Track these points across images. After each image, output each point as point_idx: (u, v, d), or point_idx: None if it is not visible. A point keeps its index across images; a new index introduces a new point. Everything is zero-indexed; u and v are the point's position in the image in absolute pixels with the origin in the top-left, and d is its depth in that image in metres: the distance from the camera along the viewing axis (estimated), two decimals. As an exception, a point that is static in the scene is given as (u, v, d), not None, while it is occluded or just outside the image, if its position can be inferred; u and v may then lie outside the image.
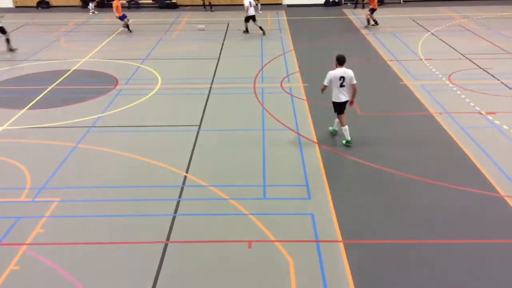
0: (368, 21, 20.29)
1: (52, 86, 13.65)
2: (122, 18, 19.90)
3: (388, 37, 18.70)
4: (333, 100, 9.74)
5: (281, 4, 26.29)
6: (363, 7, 24.43)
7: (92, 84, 13.94)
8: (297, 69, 14.97)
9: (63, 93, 13.23)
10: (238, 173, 8.98)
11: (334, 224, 7.41)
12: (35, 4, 25.45)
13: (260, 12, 23.82)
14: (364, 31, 19.73)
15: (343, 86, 9.50)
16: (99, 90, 13.30)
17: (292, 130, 10.69)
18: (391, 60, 15.66)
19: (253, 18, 18.92)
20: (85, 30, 20.90)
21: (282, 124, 10.97)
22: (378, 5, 25.39)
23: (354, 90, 9.60)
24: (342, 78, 9.41)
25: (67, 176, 8.90)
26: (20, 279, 6.35)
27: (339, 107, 9.76)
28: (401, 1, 26.04)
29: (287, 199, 8.09)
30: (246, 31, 19.47)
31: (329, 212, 7.70)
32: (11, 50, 17.03)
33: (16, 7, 25.93)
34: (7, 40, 17.00)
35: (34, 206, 7.97)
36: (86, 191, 8.40)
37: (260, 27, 19.15)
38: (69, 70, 15.14)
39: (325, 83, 9.58)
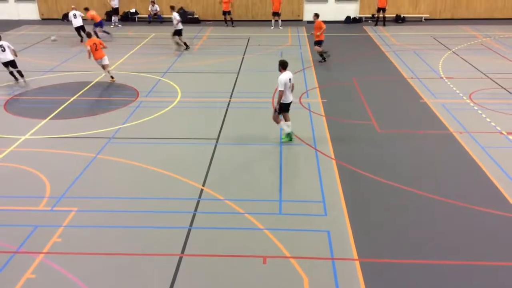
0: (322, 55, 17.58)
1: (74, 97, 13.91)
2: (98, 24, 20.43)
3: (409, 54, 18.62)
4: (284, 102, 10.46)
5: (301, 20, 26.43)
6: (384, 25, 24.42)
7: (114, 96, 14.15)
8: (316, 85, 14.97)
9: (85, 104, 13.46)
10: (254, 188, 8.97)
11: (350, 241, 7.33)
12: (61, 17, 26.05)
13: (281, 28, 23.98)
14: (384, 48, 19.68)
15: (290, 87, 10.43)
16: (120, 102, 13.49)
17: (310, 145, 10.66)
18: (412, 77, 15.56)
19: (180, 32, 19.26)
20: (109, 43, 21.28)
21: (300, 139, 10.96)
22: (399, 22, 25.30)
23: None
24: (290, 79, 10.30)
25: (86, 186, 9.01)
26: None
27: (288, 107, 10.66)
28: (422, 19, 25.95)
29: (303, 215, 8.04)
30: (181, 45, 19.75)
31: (345, 230, 7.62)
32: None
33: (43, 19, 26.58)
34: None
35: (53, 215, 8.08)
36: (104, 202, 8.48)
37: (185, 43, 19.64)
38: (92, 82, 15.41)
39: (282, 88, 10.20)
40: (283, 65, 10.32)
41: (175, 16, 18.99)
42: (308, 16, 26.35)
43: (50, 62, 17.87)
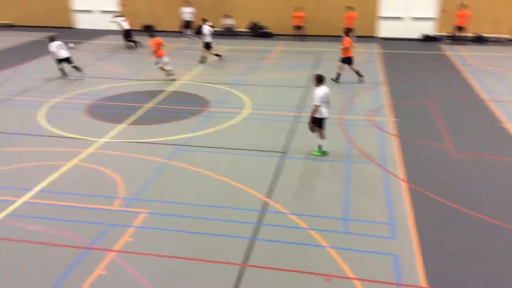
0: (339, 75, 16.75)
1: (149, 105, 14.53)
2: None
3: (487, 76, 17.79)
4: (319, 117, 10.49)
5: (375, 37, 26.05)
6: (463, 44, 23.50)
7: (186, 105, 14.63)
8: (388, 103, 14.67)
9: (159, 111, 14.02)
10: (319, 203, 8.90)
11: (419, 268, 7.06)
12: (141, 28, 27.38)
13: (355, 44, 23.73)
14: (461, 68, 18.93)
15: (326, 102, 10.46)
16: (191, 111, 13.93)
17: (379, 165, 10.44)
18: (490, 100, 14.84)
19: (208, 45, 19.53)
20: (184, 54, 22.08)
21: (369, 158, 10.76)
22: (478, 42, 24.25)
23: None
24: (327, 95, 10.35)
25: (156, 190, 9.36)
26: (106, 284, 6.72)
27: (322, 122, 10.66)
28: (504, 40, 24.71)
29: (369, 236, 7.86)
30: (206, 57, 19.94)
31: (414, 255, 7.36)
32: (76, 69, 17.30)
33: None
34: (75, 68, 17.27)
35: (125, 215, 8.46)
36: (172, 206, 8.76)
37: (216, 54, 19.89)
38: (166, 91, 16.04)
39: (318, 103, 10.30)
40: (319, 80, 10.38)
41: (206, 28, 19.35)
42: (383, 33, 25.96)
43: (127, 71, 18.79)
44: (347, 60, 16.70)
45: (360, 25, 24.54)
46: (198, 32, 26.53)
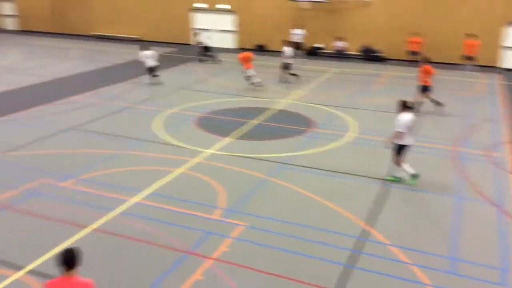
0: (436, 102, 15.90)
1: (256, 121, 14.92)
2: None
3: None
4: (403, 144, 10.13)
5: (498, 67, 24.32)
6: None
7: (291, 124, 14.78)
8: (508, 139, 13.55)
9: (264, 128, 14.34)
10: (423, 238, 8.43)
11: (532, 321, 6.36)
12: (253, 47, 28.38)
13: (474, 74, 22.39)
14: None
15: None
16: (296, 131, 14.04)
17: (493, 203, 9.65)
18: None
19: (287, 66, 19.94)
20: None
21: (482, 195, 10.00)
22: None
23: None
24: (411, 121, 10.02)
25: (255, 204, 9.53)
26: (202, 289, 6.95)
27: (404, 149, 10.25)
28: None
29: (477, 280, 7.25)
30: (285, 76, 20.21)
31: (527, 306, 6.65)
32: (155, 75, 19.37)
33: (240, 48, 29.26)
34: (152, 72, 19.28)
35: (224, 225, 8.70)
36: (269, 222, 8.85)
37: (293, 74, 20.12)
38: (273, 108, 16.36)
39: (401, 129, 9.99)
40: (404, 106, 10.14)
41: (286, 50, 19.80)
42: (506, 63, 24.19)
43: (238, 86, 19.49)
44: (425, 89, 15.82)
45: (482, 54, 23.09)
46: (309, 54, 26.85)
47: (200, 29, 29.52)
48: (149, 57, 19.04)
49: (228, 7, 28.70)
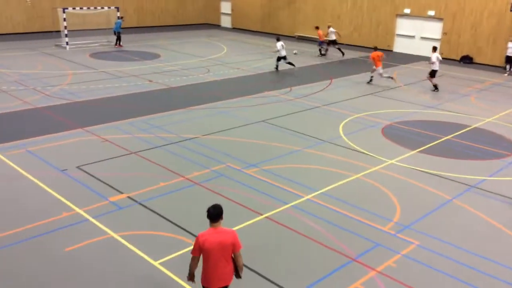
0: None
1: (447, 137, 13.87)
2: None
3: None
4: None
5: None
6: None
7: (487, 145, 13.35)
8: None
9: (455, 146, 13.23)
10: None
11: None
12: (458, 58, 26.35)
13: None
14: None
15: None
16: (492, 153, 12.64)
17: None
18: None
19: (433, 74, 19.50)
20: (498, 90, 20.19)
21: None
22: None
23: None
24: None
25: (431, 224, 8.90)
26: (360, 299, 6.79)
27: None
28: None
29: None
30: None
31: None
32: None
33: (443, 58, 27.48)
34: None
35: (394, 240, 8.34)
36: (443, 245, 8.19)
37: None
38: (469, 126, 15.00)
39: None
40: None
41: (434, 56, 19.29)
42: None
43: (432, 98, 18.33)
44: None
45: None
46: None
47: (399, 35, 28.65)
48: (283, 47, 21.88)
49: (432, 13, 27.15)
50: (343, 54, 26.68)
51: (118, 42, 26.85)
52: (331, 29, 26.61)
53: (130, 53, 25.33)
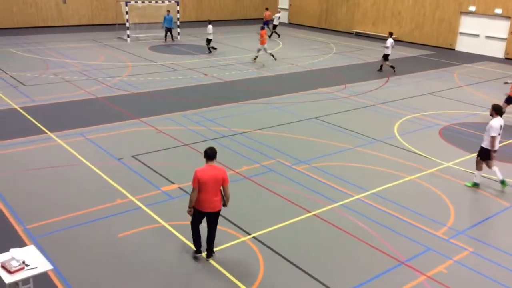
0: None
1: (509, 141, 13.20)
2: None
3: None
4: (488, 148, 10.01)
5: None
6: None
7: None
8: None
9: (518, 150, 12.59)
10: None
11: None
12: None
13: None
14: None
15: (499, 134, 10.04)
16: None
17: None
18: None
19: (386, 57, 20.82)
20: None
21: None
22: None
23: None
24: (501, 126, 9.98)
25: (486, 232, 8.54)
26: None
27: (490, 154, 10.05)
28: None
29: None
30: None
31: None
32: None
33: (506, 58, 26.15)
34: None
35: (447, 245, 8.04)
36: (497, 253, 7.83)
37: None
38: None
39: (495, 133, 9.86)
40: (496, 110, 10.03)
41: (389, 41, 20.64)
42: None
43: (494, 102, 17.48)
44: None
45: None
46: None
47: (463, 33, 27.48)
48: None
49: (499, 11, 25.83)
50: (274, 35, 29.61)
51: (171, 37, 27.30)
52: (277, 14, 30.57)
53: (187, 46, 25.82)
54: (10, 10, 28.44)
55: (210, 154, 7.02)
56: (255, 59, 22.37)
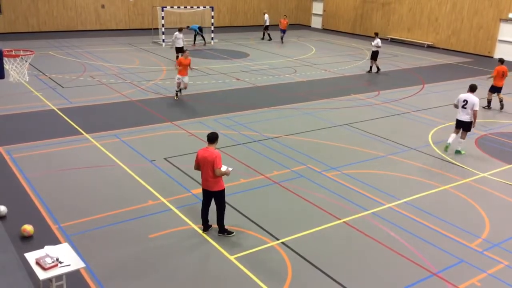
0: None
1: (550, 152, 12.75)
2: None
3: None
4: (456, 118, 12.07)
5: None
6: None
7: None
8: None
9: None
10: None
11: None
12: None
13: None
14: None
15: (465, 108, 11.74)
16: None
17: None
18: None
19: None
20: None
21: None
22: None
23: (474, 116, 11.84)
24: (465, 101, 11.67)
25: (526, 246, 8.23)
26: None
27: (458, 123, 12.10)
28: None
29: None
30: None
31: None
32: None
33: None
34: None
35: (480, 258, 7.82)
36: (540, 271, 7.52)
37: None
38: None
39: (455, 102, 12.08)
40: (471, 88, 11.87)
41: (376, 41, 21.49)
42: None
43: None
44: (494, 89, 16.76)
45: None
46: None
47: (502, 41, 26.74)
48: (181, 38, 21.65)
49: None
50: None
51: (203, 40, 27.64)
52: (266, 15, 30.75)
53: (220, 51, 26.05)
54: (51, 13, 29.41)
55: (210, 138, 7.75)
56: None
